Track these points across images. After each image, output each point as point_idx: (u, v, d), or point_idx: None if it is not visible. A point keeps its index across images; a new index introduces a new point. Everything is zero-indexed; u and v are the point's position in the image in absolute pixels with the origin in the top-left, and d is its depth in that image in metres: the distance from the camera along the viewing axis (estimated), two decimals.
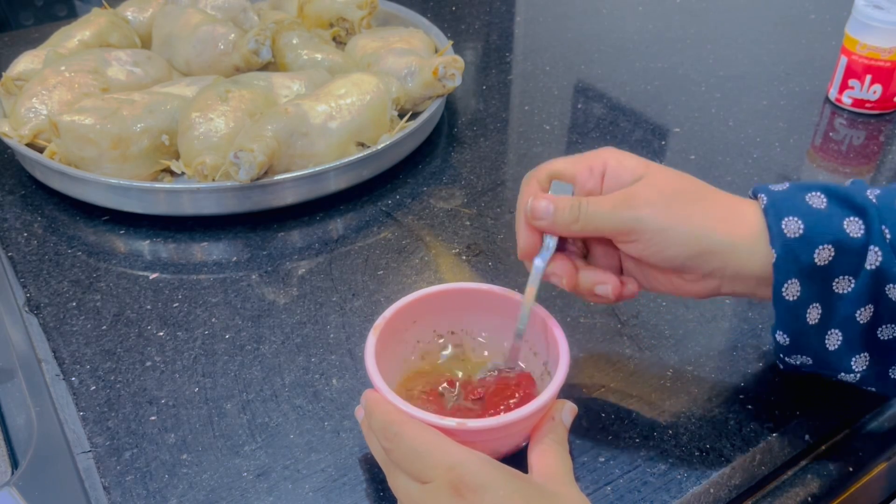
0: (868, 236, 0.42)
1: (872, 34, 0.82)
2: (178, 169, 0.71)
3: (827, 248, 0.42)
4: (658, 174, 0.46)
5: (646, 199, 0.44)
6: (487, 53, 1.01)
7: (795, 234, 0.42)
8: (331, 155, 0.70)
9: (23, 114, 0.73)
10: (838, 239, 0.42)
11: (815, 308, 0.43)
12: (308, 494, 0.47)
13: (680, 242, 0.44)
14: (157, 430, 0.51)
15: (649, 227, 0.44)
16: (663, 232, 0.44)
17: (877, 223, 0.42)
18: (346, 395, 0.53)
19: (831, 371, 0.46)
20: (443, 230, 0.69)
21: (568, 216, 0.46)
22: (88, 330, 0.59)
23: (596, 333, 0.58)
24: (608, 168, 0.47)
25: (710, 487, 0.47)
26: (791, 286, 0.43)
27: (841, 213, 0.43)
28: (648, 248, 0.44)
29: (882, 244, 0.42)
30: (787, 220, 0.42)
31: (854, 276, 0.42)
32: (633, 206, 0.44)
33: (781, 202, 0.43)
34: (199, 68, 0.83)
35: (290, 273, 0.65)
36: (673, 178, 0.46)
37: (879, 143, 0.82)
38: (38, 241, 0.69)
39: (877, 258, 0.42)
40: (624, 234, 0.45)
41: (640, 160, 0.47)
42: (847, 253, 0.42)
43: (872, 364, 0.45)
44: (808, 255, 0.42)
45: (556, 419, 0.45)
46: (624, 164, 0.47)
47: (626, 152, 0.48)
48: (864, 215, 0.42)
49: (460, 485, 0.38)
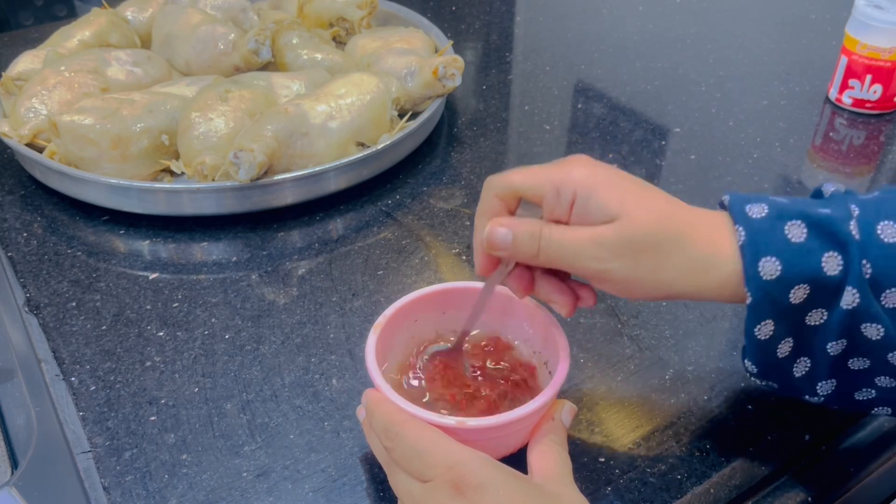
0: (846, 274, 0.40)
1: (872, 34, 0.82)
2: (177, 169, 0.71)
3: (803, 288, 0.41)
4: (634, 217, 0.41)
5: (615, 250, 0.41)
6: (487, 53, 1.01)
7: (772, 277, 0.40)
8: (331, 155, 0.70)
9: (23, 114, 0.73)
10: (815, 277, 0.40)
11: (786, 342, 0.43)
12: (308, 494, 0.47)
13: (648, 289, 0.43)
14: (157, 430, 0.51)
15: (616, 278, 0.42)
16: (630, 282, 0.42)
17: (857, 259, 0.40)
18: (346, 395, 0.53)
19: (796, 394, 0.46)
20: (443, 230, 0.69)
21: (528, 248, 0.43)
22: (88, 330, 0.59)
23: (596, 333, 0.58)
24: (578, 197, 0.42)
25: (710, 487, 0.47)
26: (765, 326, 0.42)
27: (820, 247, 0.41)
28: (613, 290, 0.44)
29: (860, 284, 0.40)
30: (765, 260, 0.40)
31: (827, 308, 0.41)
32: (600, 258, 0.42)
33: (759, 236, 0.41)
34: (199, 68, 0.83)
35: (290, 273, 0.65)
36: (650, 222, 0.42)
37: (879, 143, 0.82)
38: (38, 241, 0.69)
39: (854, 299, 0.40)
40: (590, 278, 0.44)
41: (615, 192, 0.42)
42: (822, 290, 0.41)
43: (838, 388, 0.44)
44: (783, 296, 0.41)
45: (556, 419, 0.45)
46: (597, 196, 0.42)
47: (599, 171, 0.43)
48: (845, 251, 0.40)
49: (461, 484, 0.38)
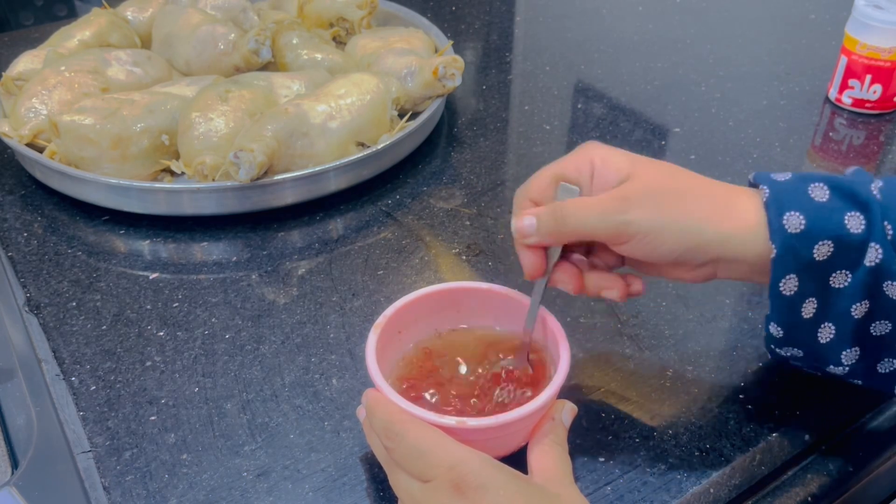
0: (869, 232, 0.41)
1: (872, 34, 0.82)
2: (178, 169, 0.71)
3: (827, 244, 0.42)
4: (646, 172, 0.45)
5: (634, 200, 0.43)
6: (487, 53, 1.01)
7: (796, 230, 0.42)
8: (331, 155, 0.70)
9: (23, 114, 0.73)
10: (838, 234, 0.41)
11: (810, 302, 0.43)
12: (308, 494, 0.47)
13: (672, 240, 0.43)
14: (157, 430, 0.51)
15: (640, 230, 0.43)
16: (654, 232, 0.43)
17: (879, 219, 0.41)
18: (346, 395, 0.53)
19: (820, 363, 0.46)
20: (443, 230, 0.69)
21: (552, 224, 0.45)
22: (88, 330, 0.59)
23: (596, 333, 0.58)
24: (595, 167, 0.46)
25: (710, 487, 0.47)
26: (789, 281, 0.42)
27: (843, 207, 0.42)
28: (641, 249, 0.44)
29: (883, 241, 0.41)
30: (789, 214, 0.42)
31: (851, 270, 0.42)
32: (622, 210, 0.43)
33: (783, 195, 0.43)
34: (199, 68, 0.83)
35: (290, 273, 0.65)
36: (662, 175, 0.45)
37: (879, 143, 0.82)
38: (38, 241, 0.69)
39: (877, 255, 0.41)
40: (615, 238, 0.44)
41: (626, 156, 0.46)
42: (846, 249, 0.42)
43: (862, 358, 0.45)
44: (807, 251, 0.42)
45: (556, 419, 0.45)
46: (609, 162, 0.45)
47: (611, 148, 0.46)
48: (867, 210, 0.42)
49: (461, 484, 0.38)
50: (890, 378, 0.46)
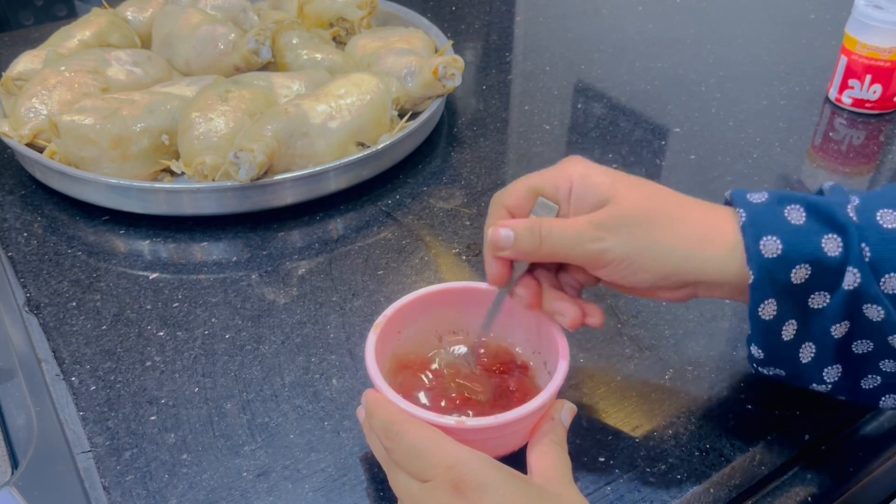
0: (846, 255, 0.41)
1: (872, 34, 0.82)
2: (178, 169, 0.71)
3: (805, 268, 0.41)
4: (626, 196, 0.44)
5: (611, 227, 0.43)
6: (487, 53, 1.01)
7: (773, 255, 0.41)
8: (331, 155, 0.70)
9: (23, 114, 0.73)
10: (816, 258, 0.41)
11: (790, 325, 0.43)
12: (308, 494, 0.47)
13: (648, 267, 0.43)
14: (157, 430, 0.51)
15: (616, 257, 0.43)
16: (630, 259, 0.43)
17: (856, 241, 0.41)
18: (346, 395, 0.53)
19: (803, 382, 0.46)
20: (443, 230, 0.69)
21: (529, 242, 0.44)
22: (88, 330, 0.59)
23: (596, 333, 0.58)
24: (574, 186, 0.45)
25: (710, 487, 0.47)
26: (767, 306, 0.42)
27: (820, 229, 0.42)
28: (617, 274, 0.44)
29: (861, 264, 0.41)
30: (766, 239, 0.41)
31: (830, 292, 0.42)
32: (598, 238, 0.43)
33: (759, 217, 0.42)
34: (199, 68, 0.83)
35: (290, 273, 0.65)
36: (642, 198, 0.44)
37: (879, 143, 0.82)
38: (38, 241, 0.69)
39: (855, 279, 0.41)
40: (591, 263, 0.44)
41: (607, 176, 0.45)
42: (824, 272, 0.41)
43: (844, 375, 0.44)
44: (784, 275, 0.41)
45: (556, 419, 0.45)
46: (589, 181, 0.44)
47: (591, 165, 0.46)
48: (844, 233, 0.41)
49: (461, 483, 0.38)
50: (874, 393, 0.45)
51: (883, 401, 0.46)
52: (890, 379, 0.44)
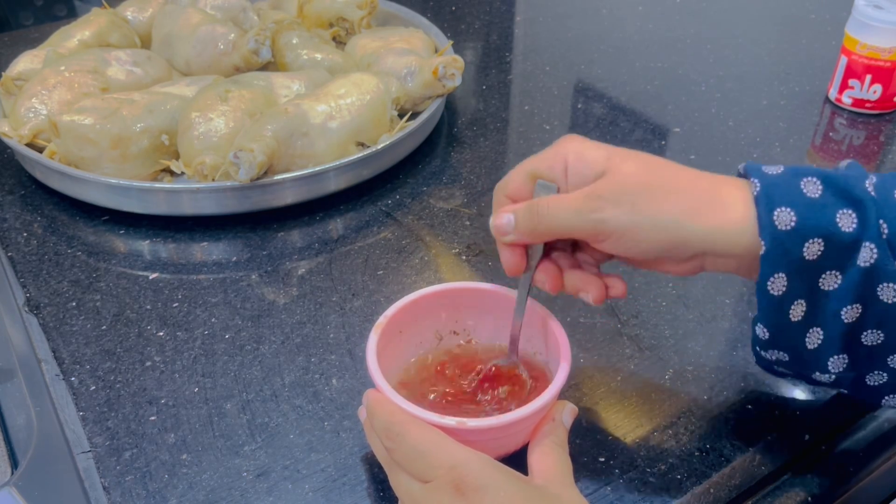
0: (862, 231, 0.40)
1: (872, 34, 0.82)
2: (177, 169, 0.71)
3: (817, 242, 0.40)
4: (621, 167, 0.43)
5: (608, 198, 0.42)
6: (487, 53, 1.01)
7: (787, 227, 0.40)
8: (331, 155, 0.70)
9: (23, 114, 0.73)
10: (829, 232, 0.40)
11: (799, 304, 0.42)
12: (308, 494, 0.47)
13: (650, 237, 0.42)
14: (157, 430, 0.51)
15: (616, 228, 0.42)
16: (630, 230, 0.42)
17: (874, 217, 0.40)
18: (346, 395, 0.53)
19: (806, 369, 0.45)
20: (443, 230, 0.69)
21: (529, 222, 0.44)
22: (88, 330, 0.59)
23: (596, 333, 0.58)
24: (569, 164, 0.45)
25: (710, 487, 0.47)
26: (777, 280, 0.41)
27: (835, 203, 0.40)
28: (620, 246, 0.43)
29: (878, 240, 0.40)
30: (780, 210, 0.40)
31: (841, 271, 0.41)
32: (596, 209, 0.42)
33: (774, 189, 0.41)
34: (199, 68, 0.83)
35: (290, 273, 0.65)
36: (639, 169, 0.43)
37: (879, 143, 0.82)
38: (38, 241, 0.69)
39: (871, 255, 0.40)
40: (591, 236, 0.44)
41: (602, 150, 0.44)
42: (837, 247, 0.40)
43: (850, 367, 0.44)
44: (797, 249, 0.40)
45: (557, 420, 0.45)
46: (584, 157, 0.44)
47: (586, 141, 0.45)
48: (861, 208, 0.40)
49: (462, 484, 0.38)
50: (878, 391, 0.45)
51: (885, 400, 0.45)
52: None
